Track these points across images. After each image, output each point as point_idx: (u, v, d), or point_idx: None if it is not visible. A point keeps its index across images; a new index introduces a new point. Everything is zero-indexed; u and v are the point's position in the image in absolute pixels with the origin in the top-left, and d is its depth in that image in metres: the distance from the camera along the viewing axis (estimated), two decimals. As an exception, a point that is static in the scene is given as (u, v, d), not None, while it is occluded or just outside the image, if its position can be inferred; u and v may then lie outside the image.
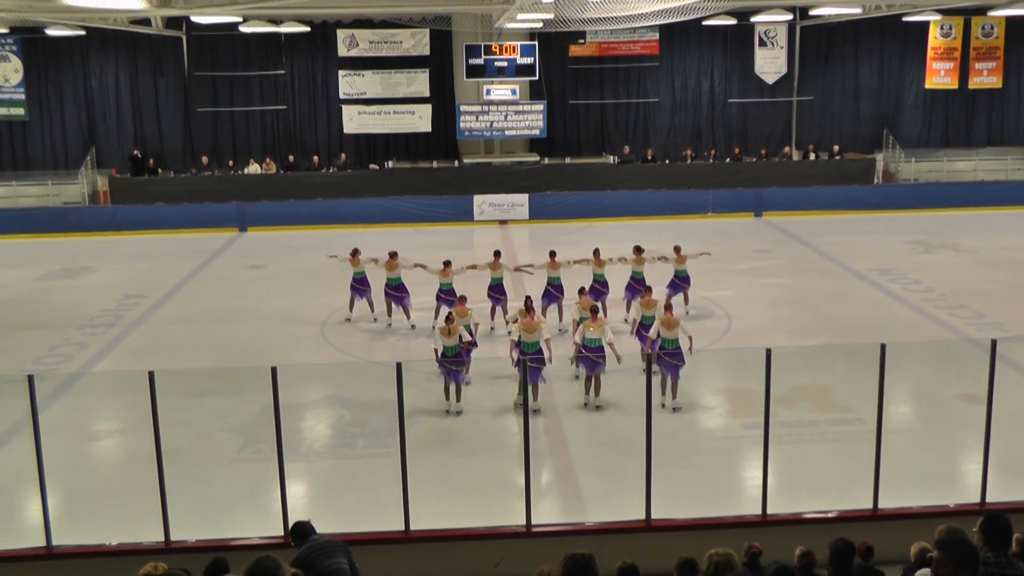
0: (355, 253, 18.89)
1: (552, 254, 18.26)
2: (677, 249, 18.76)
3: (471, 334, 14.72)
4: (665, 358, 13.85)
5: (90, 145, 32.50)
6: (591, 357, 14.10)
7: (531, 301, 14.79)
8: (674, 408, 13.99)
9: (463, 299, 15.57)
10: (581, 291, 15.90)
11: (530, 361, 12.88)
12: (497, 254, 18.55)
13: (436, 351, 14.01)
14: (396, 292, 18.43)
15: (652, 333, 14.27)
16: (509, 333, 15.34)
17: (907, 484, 10.36)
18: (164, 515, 9.31)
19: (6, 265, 25.49)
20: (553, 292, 18.09)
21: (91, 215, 30.01)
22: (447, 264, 17.96)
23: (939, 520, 7.31)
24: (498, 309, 18.16)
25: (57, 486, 10.23)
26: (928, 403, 14.61)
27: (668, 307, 14.64)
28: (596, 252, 18.27)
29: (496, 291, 18.07)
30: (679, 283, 18.72)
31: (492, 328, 18.03)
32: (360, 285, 18.86)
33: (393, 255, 18.32)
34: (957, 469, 11.83)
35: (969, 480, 10.46)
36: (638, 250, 18.44)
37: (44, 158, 32.49)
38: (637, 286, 17.61)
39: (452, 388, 14.17)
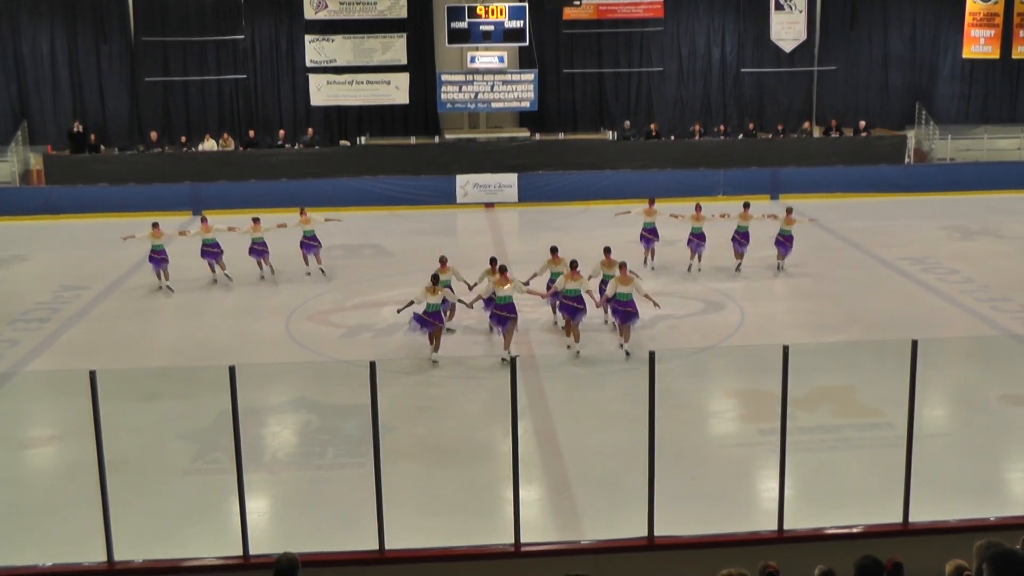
0: (155, 226, 21.33)
1: (651, 200, 22.47)
2: (789, 210, 21.87)
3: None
4: (620, 309, 16.71)
5: (21, 119, 32.36)
6: (572, 305, 16.75)
7: (497, 262, 17.29)
8: (626, 350, 16.60)
9: (444, 260, 17.49)
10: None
11: (501, 311, 16.56)
12: (303, 211, 22.46)
13: (412, 303, 16.30)
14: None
15: (609, 291, 16.82)
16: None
17: (942, 495, 10.41)
18: (107, 532, 9.25)
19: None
20: (648, 236, 22.26)
21: (23, 197, 29.91)
22: (256, 220, 22.00)
23: (977, 535, 7.34)
24: (311, 257, 22.42)
25: (-14, 500, 10.21)
26: (967, 405, 14.66)
27: (622, 267, 16.83)
28: (698, 207, 21.98)
29: (312, 239, 22.24)
30: (783, 240, 21.75)
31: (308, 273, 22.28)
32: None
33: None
34: (998, 478, 11.91)
35: (1012, 490, 10.52)
36: (746, 206, 22.07)
37: (-32, 133, 32.35)
38: (742, 239, 21.89)
39: (434, 340, 16.38)
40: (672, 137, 32.87)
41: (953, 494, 10.81)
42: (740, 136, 32.91)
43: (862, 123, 32.98)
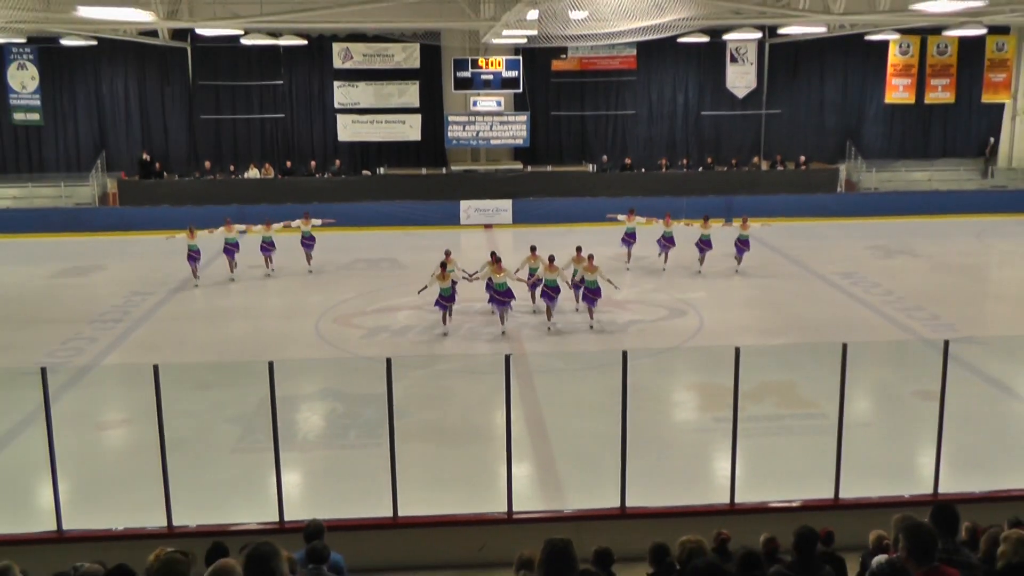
0: (191, 229, 22.38)
1: (632, 209, 23.57)
2: (744, 218, 23.29)
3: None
4: (588, 294, 18.16)
5: (101, 149, 32.34)
6: (549, 292, 18.24)
7: (497, 254, 18.81)
8: (591, 325, 18.13)
9: (448, 252, 18.90)
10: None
11: (500, 296, 18.05)
12: (306, 215, 23.87)
13: (427, 287, 18.02)
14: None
15: (578, 278, 18.47)
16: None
17: (866, 475, 10.37)
18: (167, 501, 9.27)
19: (21, 263, 25.31)
20: (627, 239, 23.46)
21: (101, 215, 29.85)
22: (268, 222, 23.46)
23: (895, 509, 7.34)
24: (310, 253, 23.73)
25: (68, 473, 10.16)
26: (886, 399, 14.63)
27: (590, 258, 18.23)
28: (667, 214, 23.25)
29: (309, 239, 23.53)
30: (740, 245, 23.06)
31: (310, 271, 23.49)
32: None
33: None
34: (912, 462, 11.88)
35: (923, 472, 10.51)
36: (706, 217, 23.20)
37: (57, 161, 32.37)
38: (704, 245, 22.94)
39: (447, 317, 18.07)
40: (643, 169, 32.81)
41: (875, 475, 10.79)
42: (700, 169, 32.87)
43: (802, 158, 33.04)
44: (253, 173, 31.65)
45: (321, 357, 16.69)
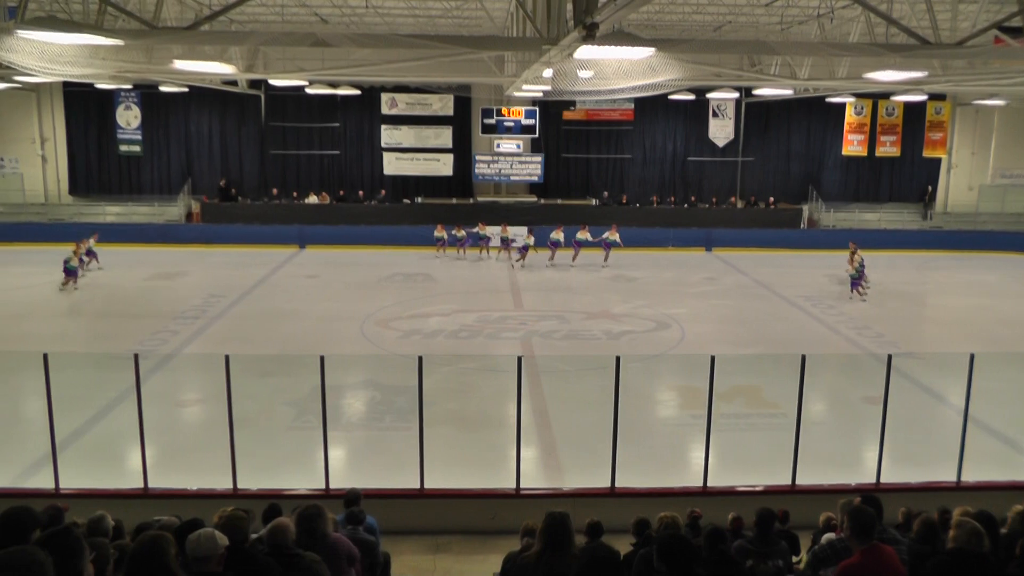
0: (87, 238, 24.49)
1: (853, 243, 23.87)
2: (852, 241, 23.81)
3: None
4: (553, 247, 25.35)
5: (188, 176, 32.55)
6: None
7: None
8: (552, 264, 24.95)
9: (482, 224, 24.77)
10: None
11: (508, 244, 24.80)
12: (93, 234, 25.31)
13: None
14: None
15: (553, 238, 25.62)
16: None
17: (818, 466, 10.32)
18: (233, 468, 9.30)
19: (121, 268, 25.41)
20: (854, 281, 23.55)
21: (186, 230, 30.07)
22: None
23: (842, 495, 7.31)
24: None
25: (153, 441, 10.22)
26: (837, 403, 14.53)
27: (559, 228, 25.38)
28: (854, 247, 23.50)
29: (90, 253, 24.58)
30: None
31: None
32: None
33: None
34: (858, 455, 11.77)
35: (868, 464, 10.42)
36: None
37: (153, 185, 32.58)
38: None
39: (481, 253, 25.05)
40: (637, 204, 32.72)
41: (826, 466, 10.72)
42: (685, 205, 32.77)
43: (771, 198, 32.89)
44: (312, 199, 31.75)
45: (363, 353, 16.70)
